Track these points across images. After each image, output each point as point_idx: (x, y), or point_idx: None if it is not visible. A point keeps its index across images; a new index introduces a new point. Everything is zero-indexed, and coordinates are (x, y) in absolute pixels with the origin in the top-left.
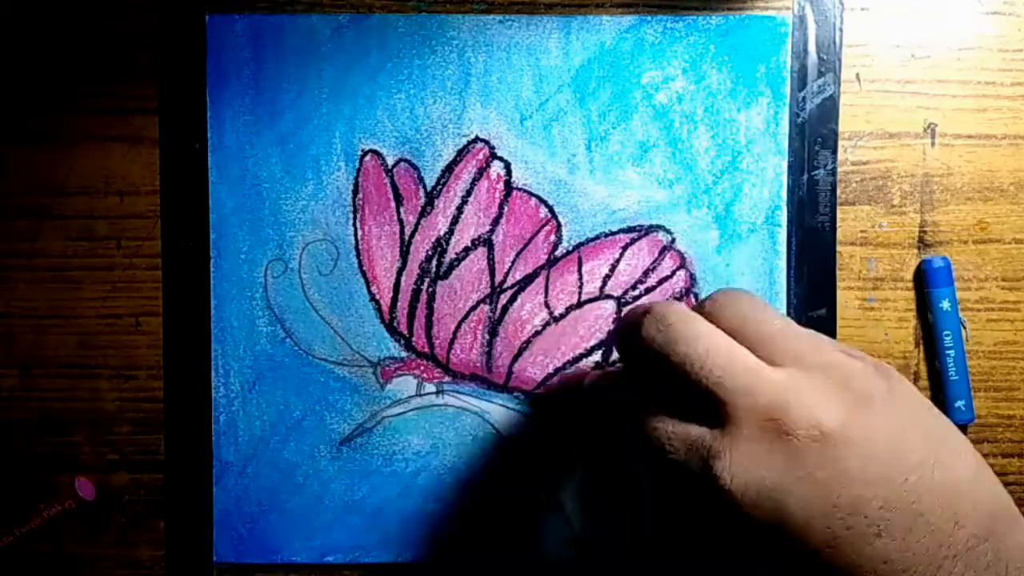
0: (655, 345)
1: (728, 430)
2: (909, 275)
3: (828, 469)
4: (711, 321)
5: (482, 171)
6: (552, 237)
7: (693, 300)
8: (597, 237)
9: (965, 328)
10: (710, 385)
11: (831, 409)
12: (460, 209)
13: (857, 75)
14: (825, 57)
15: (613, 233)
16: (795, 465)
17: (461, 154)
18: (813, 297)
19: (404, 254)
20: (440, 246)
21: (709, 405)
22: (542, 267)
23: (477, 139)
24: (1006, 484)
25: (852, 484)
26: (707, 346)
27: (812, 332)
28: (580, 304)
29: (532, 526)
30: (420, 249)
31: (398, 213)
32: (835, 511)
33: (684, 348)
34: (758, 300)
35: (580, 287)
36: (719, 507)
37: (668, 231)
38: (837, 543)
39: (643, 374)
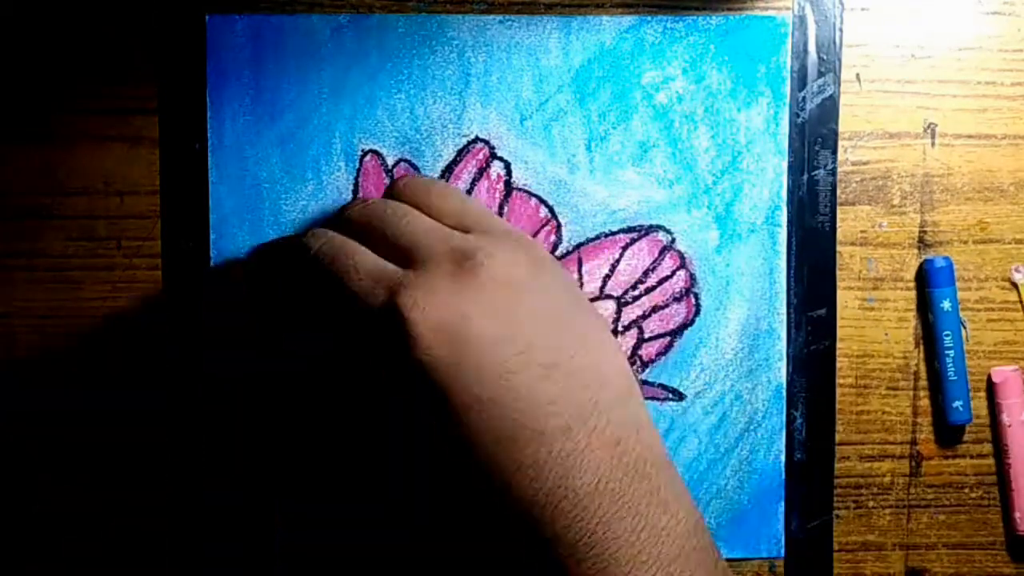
0: (355, 215)
1: (418, 268)
2: (909, 275)
3: (511, 311)
4: (399, 198)
5: (482, 171)
6: (552, 237)
7: (693, 300)
8: (597, 237)
9: (965, 328)
10: (401, 237)
11: (519, 261)
12: None
13: (857, 75)
14: (825, 57)
15: (613, 233)
16: (482, 301)
17: (461, 154)
18: (813, 297)
19: None
20: None
21: (400, 255)
22: None
23: (477, 139)
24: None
25: (530, 328)
26: (404, 211)
27: (491, 212)
28: None
29: None
30: None
31: None
32: (511, 348)
33: (380, 213)
34: (437, 181)
35: (580, 287)
36: (400, 339)
37: (668, 231)
38: (509, 378)
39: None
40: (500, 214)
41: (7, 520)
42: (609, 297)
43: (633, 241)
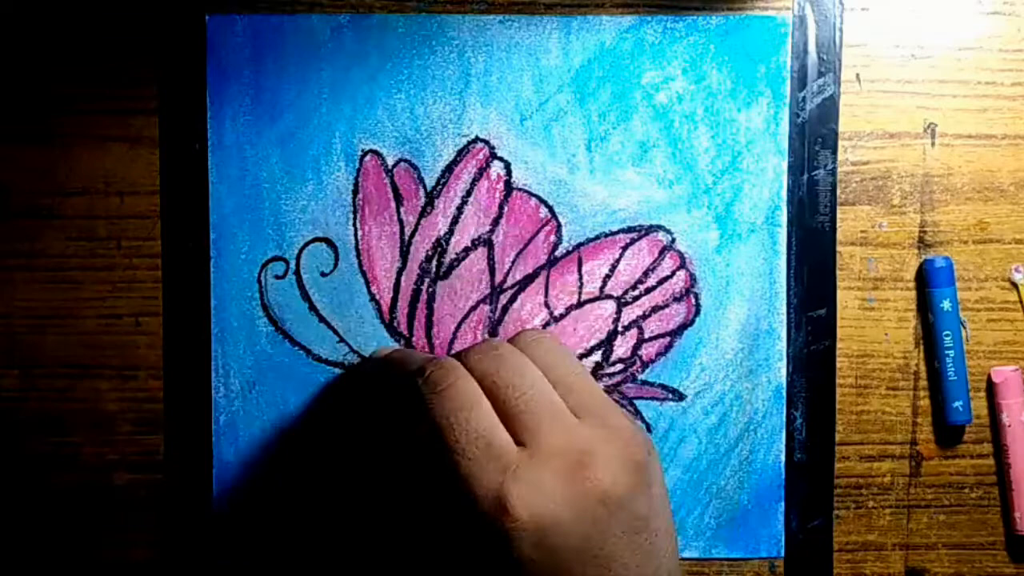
0: (483, 370)
1: (532, 454)
2: (909, 275)
3: (602, 528)
4: (523, 348)
5: (482, 171)
6: (552, 237)
7: (693, 300)
8: (597, 237)
9: (965, 328)
10: (524, 413)
11: (622, 474)
12: (460, 209)
13: (857, 75)
14: (825, 57)
15: (613, 233)
16: (583, 514)
17: (461, 154)
18: (813, 297)
19: (404, 254)
20: (440, 246)
21: (519, 428)
22: (542, 267)
23: (477, 139)
24: None
25: (612, 545)
26: (532, 379)
27: (599, 387)
28: (580, 304)
29: None
30: (420, 249)
31: (398, 213)
32: (595, 560)
33: (509, 371)
34: (562, 345)
35: (580, 287)
36: (492, 523)
37: (668, 231)
38: None
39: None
40: (500, 214)
41: (7, 520)
42: (609, 297)
43: (633, 241)
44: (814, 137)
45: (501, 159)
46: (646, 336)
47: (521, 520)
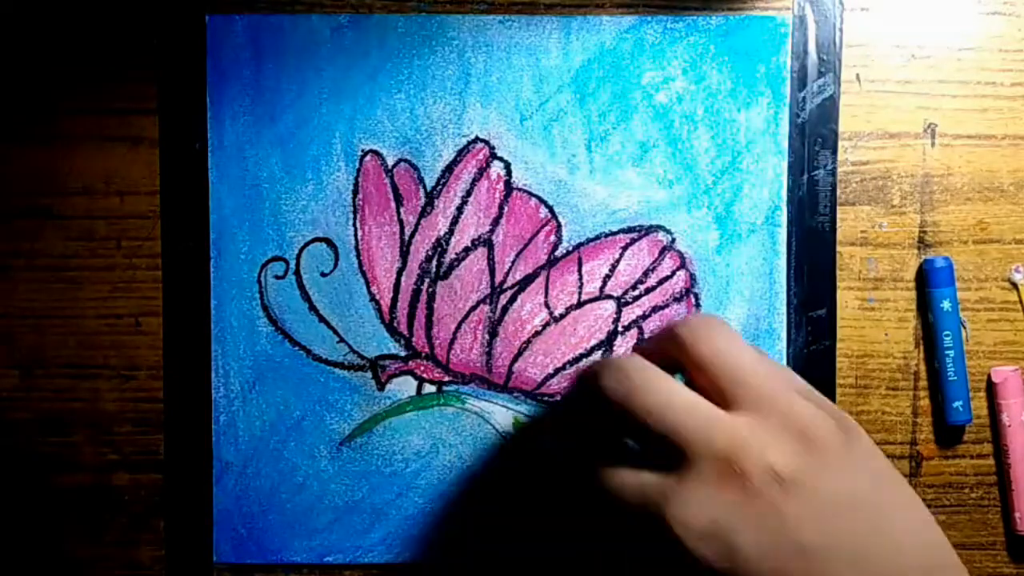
0: (616, 395)
1: (682, 473)
2: (909, 275)
3: (779, 513)
4: (684, 349)
5: (482, 171)
6: (552, 237)
7: (693, 300)
8: (597, 237)
9: (965, 328)
10: (668, 432)
11: (786, 455)
12: (460, 209)
13: (857, 75)
14: (825, 57)
15: (613, 233)
16: (747, 506)
17: (461, 154)
18: (813, 297)
19: (404, 254)
20: (440, 246)
21: (667, 451)
22: (542, 267)
23: (477, 139)
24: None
25: (800, 531)
26: (667, 396)
27: (781, 370)
28: (580, 304)
29: (531, 526)
30: (420, 249)
31: (398, 213)
32: (781, 554)
33: (644, 398)
34: (732, 332)
35: (580, 287)
36: (673, 546)
37: (668, 231)
38: None
39: (599, 421)
40: (500, 214)
41: (8, 520)
42: (609, 297)
43: (633, 241)
44: (814, 137)
45: (501, 159)
46: (646, 336)
47: (686, 537)
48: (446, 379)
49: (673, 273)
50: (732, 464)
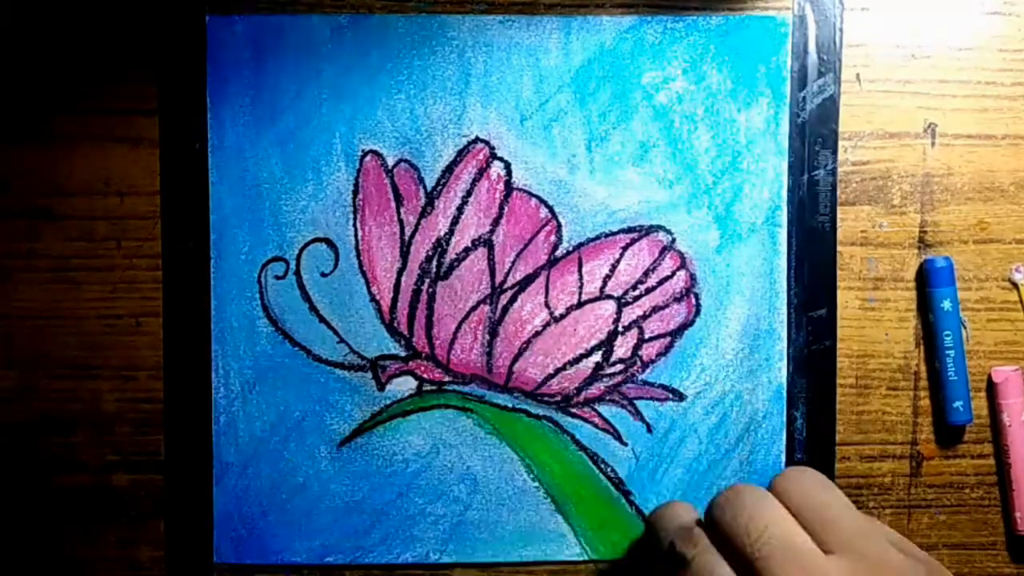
0: (723, 521)
1: None
2: (909, 275)
3: None
4: (779, 495)
5: (482, 171)
6: (552, 237)
7: (694, 300)
8: (597, 237)
9: (966, 328)
10: (760, 556)
11: None
12: (460, 209)
13: (857, 75)
14: (825, 57)
15: (613, 233)
16: None
17: (461, 154)
18: (813, 297)
19: (404, 254)
20: (440, 246)
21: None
22: (542, 267)
23: (477, 139)
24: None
25: None
26: (769, 520)
27: (868, 520)
28: (580, 304)
29: (532, 528)
30: (420, 249)
31: (398, 213)
32: None
33: (746, 518)
34: (824, 479)
35: (580, 287)
36: None
37: (668, 231)
38: None
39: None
40: (500, 214)
41: (8, 520)
42: (609, 297)
43: (633, 241)
44: (814, 137)
45: (501, 159)
46: (646, 336)
47: None
48: (446, 379)
49: (673, 273)
50: None
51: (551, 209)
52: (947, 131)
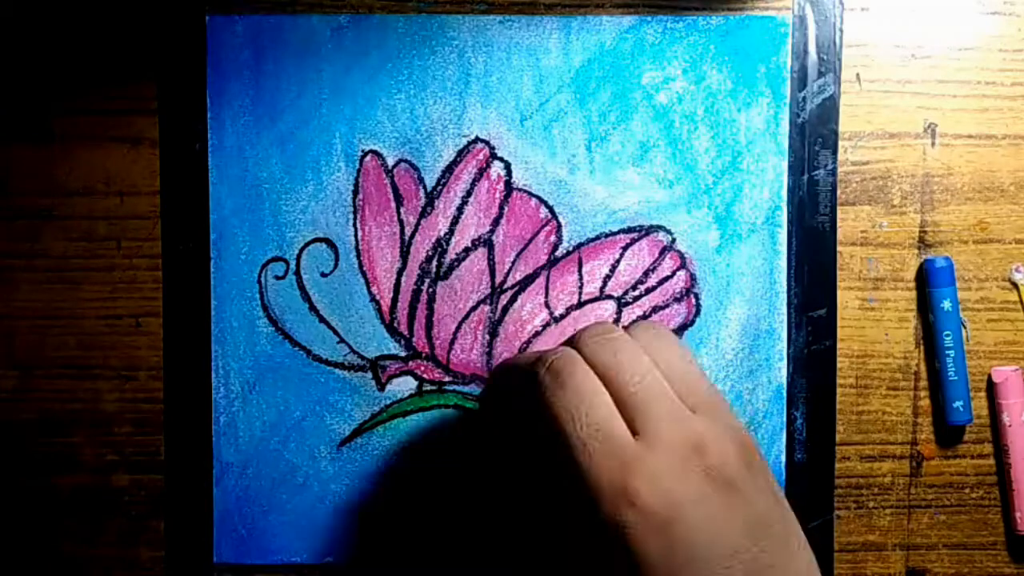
0: (596, 356)
1: (650, 446)
2: (909, 275)
3: (725, 515)
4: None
5: (482, 171)
6: (552, 237)
7: (694, 300)
8: (597, 237)
9: (966, 328)
10: (639, 404)
11: (740, 467)
12: (460, 210)
13: (857, 75)
14: (825, 57)
15: (613, 233)
16: (702, 501)
17: (461, 154)
18: (813, 297)
19: (404, 254)
20: (440, 247)
21: (635, 417)
22: (542, 267)
23: (477, 139)
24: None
25: (737, 534)
26: (647, 369)
27: (717, 390)
28: (580, 304)
29: (531, 526)
30: (420, 249)
31: (398, 213)
32: (717, 553)
33: (627, 360)
34: (680, 341)
35: (580, 287)
36: (614, 517)
37: (668, 231)
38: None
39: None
40: (500, 214)
41: (7, 520)
42: (609, 297)
43: (633, 241)
44: (814, 137)
45: (501, 159)
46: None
47: (642, 513)
48: (446, 379)
49: (673, 273)
50: (697, 452)
51: (551, 209)
52: (947, 131)
